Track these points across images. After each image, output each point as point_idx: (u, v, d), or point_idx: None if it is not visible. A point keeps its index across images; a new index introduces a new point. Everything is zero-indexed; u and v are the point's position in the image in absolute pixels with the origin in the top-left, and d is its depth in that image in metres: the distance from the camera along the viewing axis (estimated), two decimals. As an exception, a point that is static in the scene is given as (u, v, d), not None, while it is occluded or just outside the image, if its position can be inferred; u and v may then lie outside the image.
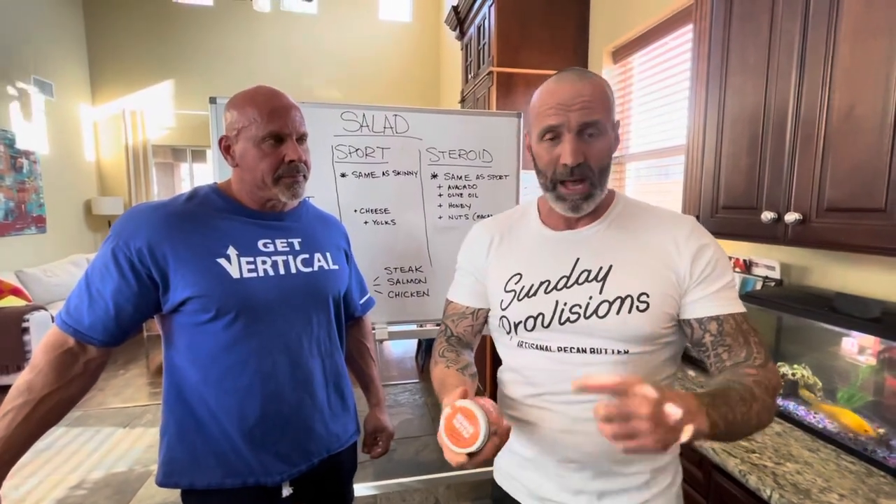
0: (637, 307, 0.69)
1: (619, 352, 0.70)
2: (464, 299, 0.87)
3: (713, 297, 0.69)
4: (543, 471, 0.76)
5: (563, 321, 0.72)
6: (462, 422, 0.56)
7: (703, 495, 1.12)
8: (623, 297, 0.69)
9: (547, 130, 0.69)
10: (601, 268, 0.72)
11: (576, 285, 0.72)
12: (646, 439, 0.48)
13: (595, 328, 0.70)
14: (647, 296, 0.69)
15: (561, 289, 0.73)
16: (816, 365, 1.12)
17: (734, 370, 0.66)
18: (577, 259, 0.74)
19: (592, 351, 0.71)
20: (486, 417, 0.55)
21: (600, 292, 0.71)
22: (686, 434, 0.49)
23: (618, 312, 0.69)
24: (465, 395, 0.60)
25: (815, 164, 1.01)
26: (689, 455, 1.12)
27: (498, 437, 0.57)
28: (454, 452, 0.56)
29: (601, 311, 0.70)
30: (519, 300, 0.76)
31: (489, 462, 0.61)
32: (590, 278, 0.72)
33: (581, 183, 0.69)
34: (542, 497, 0.77)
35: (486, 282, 0.84)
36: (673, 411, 0.48)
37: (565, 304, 0.72)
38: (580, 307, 0.71)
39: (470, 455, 0.55)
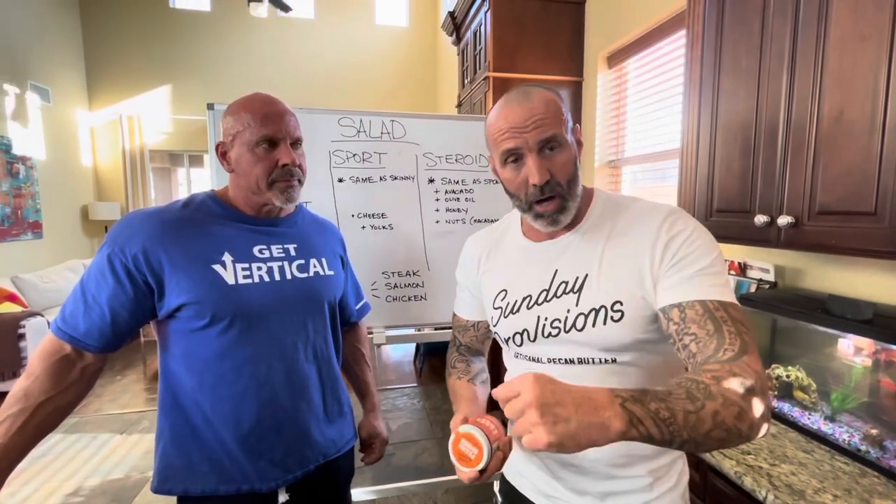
0: (612, 317, 0.68)
1: (605, 361, 0.70)
2: (464, 313, 0.92)
3: (680, 283, 0.63)
4: (549, 470, 0.78)
5: (546, 336, 0.73)
6: (466, 445, 0.62)
7: (700, 497, 1.13)
8: (597, 308, 0.68)
9: (507, 154, 0.69)
10: (577, 278, 0.72)
11: (555, 298, 0.73)
12: (536, 431, 0.45)
13: (576, 340, 0.70)
14: (621, 304, 0.67)
15: (542, 303, 0.73)
16: (811, 366, 1.13)
17: (698, 370, 0.56)
18: (556, 271, 0.74)
19: (581, 361, 0.71)
20: (486, 438, 0.61)
21: (576, 304, 0.70)
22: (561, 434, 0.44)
23: (594, 325, 0.68)
24: (465, 420, 0.64)
25: (807, 167, 1.02)
26: (686, 457, 1.12)
27: (501, 451, 0.62)
28: (465, 472, 0.62)
29: (578, 325, 0.70)
30: (505, 317, 0.77)
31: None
32: (567, 290, 0.72)
33: (552, 200, 0.69)
34: (547, 494, 0.79)
35: (480, 297, 0.87)
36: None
37: (546, 318, 0.72)
38: (559, 321, 0.71)
39: (480, 472, 0.61)
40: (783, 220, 1.05)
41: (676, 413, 0.48)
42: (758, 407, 0.51)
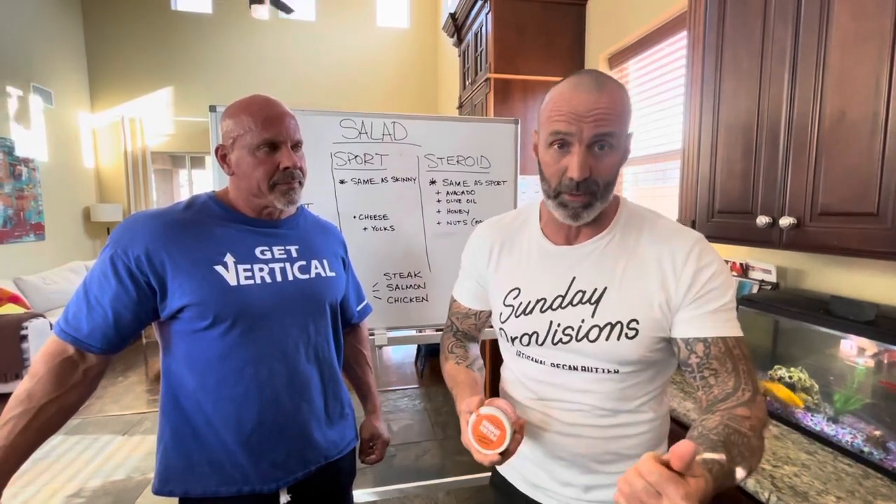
0: (626, 334, 0.69)
1: (609, 371, 0.72)
2: (467, 301, 0.91)
3: (704, 318, 0.66)
4: (537, 463, 0.80)
5: (555, 342, 0.73)
6: (488, 427, 0.62)
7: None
8: (613, 323, 0.69)
9: (556, 137, 0.65)
10: (595, 289, 0.72)
11: (570, 306, 0.73)
12: None
13: (586, 350, 0.71)
14: (637, 322, 0.69)
15: (556, 309, 0.74)
16: (813, 368, 1.13)
17: (730, 413, 0.61)
18: (574, 278, 0.74)
19: (584, 369, 0.73)
20: (509, 420, 0.62)
21: (592, 316, 0.71)
22: None
23: (607, 339, 0.69)
24: (482, 402, 0.65)
25: (809, 168, 1.02)
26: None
27: (519, 434, 0.64)
28: (485, 454, 0.62)
29: (591, 336, 0.70)
30: (516, 316, 0.77)
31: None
32: (584, 300, 0.72)
33: (583, 196, 0.67)
34: (535, 484, 0.81)
35: (487, 287, 0.86)
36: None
37: (559, 325, 0.73)
38: (572, 329, 0.72)
39: (500, 454, 0.62)
40: (785, 221, 1.05)
41: (735, 472, 0.55)
42: (763, 443, 0.60)
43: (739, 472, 0.55)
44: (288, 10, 4.27)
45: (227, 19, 5.36)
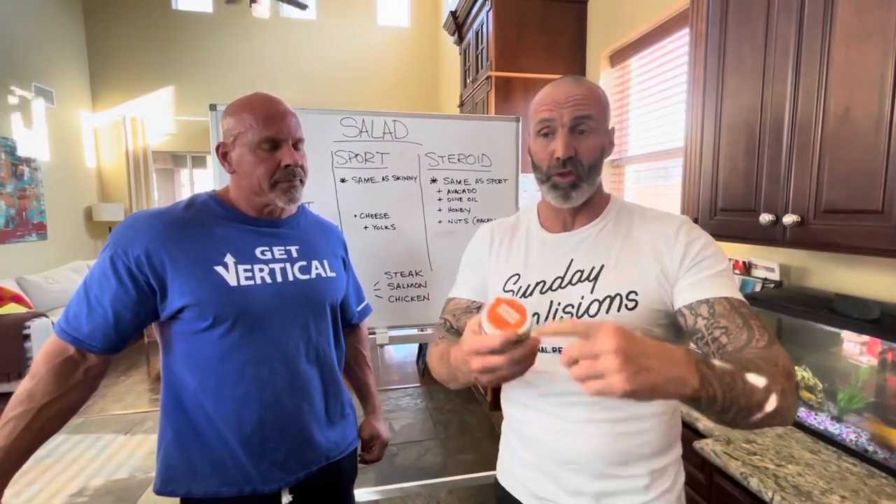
0: (626, 305, 0.70)
1: None
2: (468, 294, 0.88)
3: (703, 282, 0.68)
4: (543, 471, 0.77)
5: (556, 321, 0.74)
6: (506, 310, 0.55)
7: (706, 498, 1.12)
8: (612, 295, 0.71)
9: (541, 125, 0.73)
10: (593, 267, 0.74)
11: (569, 286, 0.75)
12: (613, 378, 0.43)
13: None
14: (636, 294, 0.70)
15: (556, 289, 0.75)
16: (817, 366, 1.12)
17: (751, 354, 0.58)
18: (572, 260, 0.77)
19: None
20: (529, 312, 0.56)
21: (591, 291, 0.73)
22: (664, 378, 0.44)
23: (607, 311, 0.71)
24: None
25: (813, 166, 1.01)
26: (691, 458, 1.12)
27: (532, 344, 0.54)
28: (499, 333, 0.52)
29: (592, 311, 0.72)
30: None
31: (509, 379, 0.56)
32: (582, 278, 0.74)
33: (570, 174, 0.73)
34: (541, 497, 0.78)
35: (487, 279, 0.86)
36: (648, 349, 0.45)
37: (559, 304, 0.74)
38: (573, 307, 0.73)
39: (517, 339, 0.52)
40: (789, 219, 1.04)
41: (737, 382, 0.50)
42: (795, 390, 0.56)
43: (758, 381, 0.50)
44: (303, 6, 4.29)
45: (228, 18, 5.35)
